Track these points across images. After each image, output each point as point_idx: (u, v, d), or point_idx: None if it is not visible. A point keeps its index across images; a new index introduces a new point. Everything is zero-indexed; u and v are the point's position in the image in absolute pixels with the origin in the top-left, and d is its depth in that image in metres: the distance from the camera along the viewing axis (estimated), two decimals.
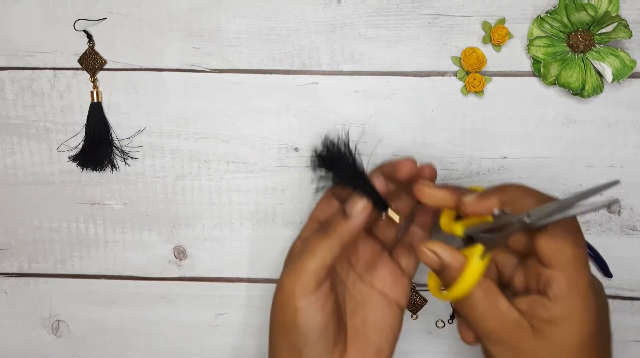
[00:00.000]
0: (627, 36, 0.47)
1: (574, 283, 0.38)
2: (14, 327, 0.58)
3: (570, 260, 0.39)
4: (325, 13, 0.51)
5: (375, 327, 0.46)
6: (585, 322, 0.39)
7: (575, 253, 0.39)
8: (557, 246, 0.39)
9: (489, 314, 0.40)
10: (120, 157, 0.54)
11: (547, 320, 0.39)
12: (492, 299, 0.40)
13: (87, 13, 0.52)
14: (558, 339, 0.39)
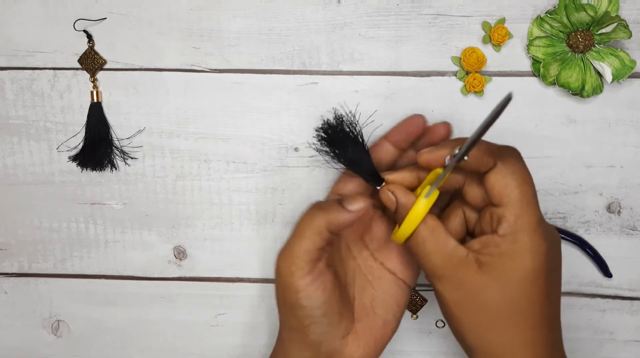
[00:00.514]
0: (626, 36, 0.47)
1: (521, 218, 0.40)
2: (14, 327, 0.58)
3: (517, 197, 0.40)
4: (325, 13, 0.51)
5: (383, 303, 0.46)
6: (532, 257, 0.40)
7: (522, 190, 0.40)
8: (505, 183, 0.40)
9: (435, 251, 0.41)
10: (120, 157, 0.54)
11: (495, 255, 0.40)
12: (440, 238, 0.42)
13: (87, 13, 0.52)
14: (503, 273, 0.40)
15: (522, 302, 0.40)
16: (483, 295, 0.40)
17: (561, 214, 0.53)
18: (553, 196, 0.52)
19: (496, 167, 0.41)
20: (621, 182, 0.52)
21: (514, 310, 0.40)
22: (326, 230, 0.43)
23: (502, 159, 0.41)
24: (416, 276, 0.48)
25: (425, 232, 0.42)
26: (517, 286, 0.40)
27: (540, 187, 0.52)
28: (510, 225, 0.40)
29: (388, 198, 0.43)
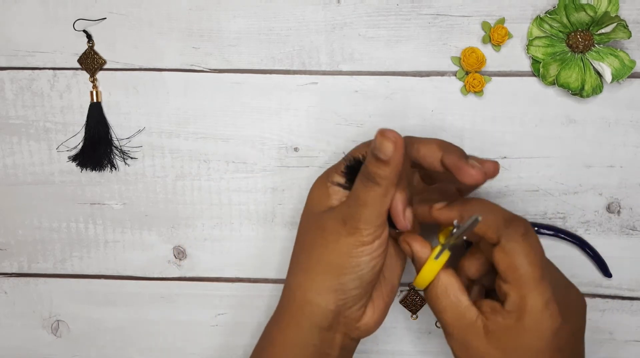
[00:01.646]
0: (626, 36, 0.47)
1: (525, 299, 0.40)
2: (14, 327, 0.58)
3: (522, 278, 0.40)
4: (325, 13, 0.51)
5: (390, 267, 0.47)
6: (537, 338, 0.40)
7: (527, 271, 0.40)
8: (510, 263, 0.40)
9: (448, 309, 0.42)
10: (119, 157, 0.54)
11: (502, 328, 0.40)
12: (453, 297, 0.42)
13: (87, 13, 0.52)
14: (508, 346, 0.41)
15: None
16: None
17: (561, 214, 0.53)
18: (553, 196, 0.53)
19: (500, 244, 0.40)
20: (621, 182, 0.52)
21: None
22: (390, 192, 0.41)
23: (507, 236, 0.40)
24: None
25: (439, 289, 0.43)
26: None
27: (540, 187, 0.52)
28: (515, 303, 0.40)
29: (404, 248, 0.44)
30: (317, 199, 0.45)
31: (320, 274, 0.43)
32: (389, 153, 0.39)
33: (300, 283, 0.45)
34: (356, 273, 0.43)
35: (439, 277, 0.43)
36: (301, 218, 0.47)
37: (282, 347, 0.45)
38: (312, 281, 0.44)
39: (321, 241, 0.43)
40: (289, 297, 0.46)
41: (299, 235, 0.47)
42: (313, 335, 0.44)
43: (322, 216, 0.44)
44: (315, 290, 0.43)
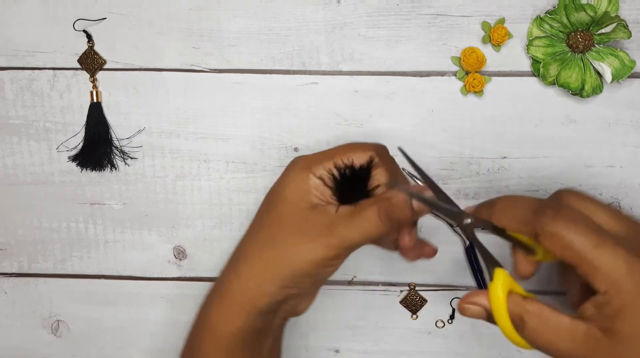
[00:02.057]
0: (626, 36, 0.47)
1: (606, 272, 0.37)
2: (14, 327, 0.58)
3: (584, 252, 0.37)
4: (325, 13, 0.51)
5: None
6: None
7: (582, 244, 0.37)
8: (562, 246, 0.38)
9: (554, 336, 0.38)
10: (119, 157, 0.54)
11: (612, 316, 0.37)
12: (551, 321, 0.38)
13: (87, 13, 0.52)
14: (630, 330, 0.36)
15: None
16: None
17: None
18: None
19: (541, 236, 0.38)
20: (621, 182, 0.52)
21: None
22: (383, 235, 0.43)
23: (540, 224, 0.38)
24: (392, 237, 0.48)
25: (535, 322, 0.38)
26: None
27: (540, 187, 0.52)
28: (601, 280, 0.37)
29: (473, 312, 0.41)
30: (296, 190, 0.45)
31: (279, 269, 0.43)
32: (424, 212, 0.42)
33: (256, 273, 0.44)
34: (315, 278, 0.44)
35: (525, 308, 0.39)
36: (270, 198, 0.46)
37: (223, 331, 0.45)
38: (269, 274, 0.44)
39: (293, 239, 0.43)
40: (236, 284, 0.45)
41: (263, 216, 0.46)
42: (257, 319, 0.44)
43: (306, 215, 0.44)
44: (270, 282, 0.43)
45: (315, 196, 0.44)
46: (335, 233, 0.42)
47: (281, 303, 0.44)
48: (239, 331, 0.44)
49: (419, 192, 0.43)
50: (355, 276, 0.55)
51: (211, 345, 0.45)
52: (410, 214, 0.42)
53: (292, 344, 0.57)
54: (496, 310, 0.39)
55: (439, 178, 0.53)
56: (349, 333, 0.56)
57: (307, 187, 0.44)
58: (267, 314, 0.44)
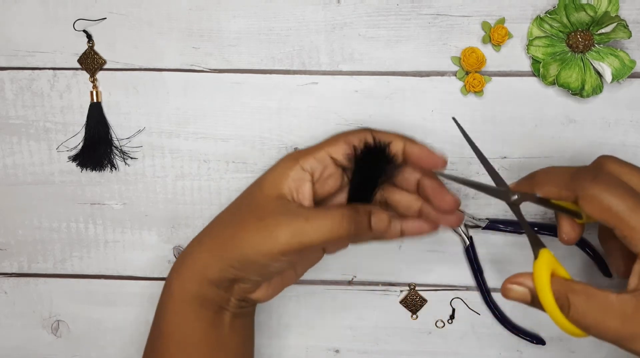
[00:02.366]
0: (626, 36, 0.47)
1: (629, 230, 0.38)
2: (14, 327, 0.58)
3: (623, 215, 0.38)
4: (325, 13, 0.51)
5: (303, 265, 0.49)
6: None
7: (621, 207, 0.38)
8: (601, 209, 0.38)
9: (603, 314, 0.38)
10: (119, 157, 0.54)
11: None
12: (598, 298, 0.38)
13: (87, 13, 0.52)
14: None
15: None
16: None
17: None
18: None
19: (580, 199, 0.39)
20: None
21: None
22: (339, 241, 0.44)
23: (579, 187, 0.39)
24: (339, 250, 0.49)
25: (579, 300, 0.38)
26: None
27: None
28: (637, 240, 0.38)
29: (517, 293, 0.40)
30: (274, 178, 0.45)
31: (230, 249, 0.44)
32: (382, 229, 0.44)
33: (212, 247, 0.46)
34: (261, 269, 0.44)
35: (572, 289, 0.38)
36: (253, 183, 0.47)
37: (182, 298, 0.46)
38: (221, 251, 0.45)
39: (250, 224, 0.44)
40: (196, 254, 0.46)
41: (239, 197, 0.48)
42: (210, 290, 0.45)
43: (271, 203, 0.44)
44: (220, 258, 0.45)
45: (288, 187, 0.44)
46: (292, 227, 0.42)
47: (232, 282, 0.45)
48: (193, 298, 0.45)
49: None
50: (355, 276, 0.55)
51: (172, 310, 0.46)
52: (367, 228, 0.43)
53: (292, 344, 0.57)
54: (540, 289, 0.38)
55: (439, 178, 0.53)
56: (349, 333, 0.56)
57: (285, 177, 0.45)
58: (218, 288, 0.45)
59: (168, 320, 0.47)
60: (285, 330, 0.57)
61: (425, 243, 0.54)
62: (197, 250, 0.47)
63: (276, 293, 0.48)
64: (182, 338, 0.46)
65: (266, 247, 0.43)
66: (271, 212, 0.44)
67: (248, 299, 0.47)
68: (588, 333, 0.38)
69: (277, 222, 0.43)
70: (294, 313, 0.56)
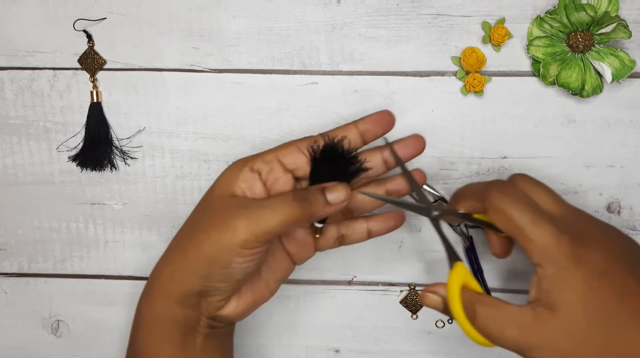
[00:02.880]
0: (626, 36, 0.47)
1: (535, 240, 0.39)
2: (14, 327, 0.58)
3: (518, 227, 0.40)
4: (325, 13, 0.51)
5: (274, 276, 0.48)
6: (575, 265, 0.38)
7: (521, 220, 0.40)
8: (504, 220, 0.41)
9: (504, 324, 0.40)
10: (119, 157, 0.54)
11: (549, 289, 0.39)
12: (501, 309, 0.40)
13: (87, 13, 0.52)
14: (566, 299, 0.38)
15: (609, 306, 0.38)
16: (575, 333, 0.38)
17: None
18: None
19: (487, 208, 0.41)
20: (621, 182, 0.52)
21: (608, 319, 0.38)
22: (305, 221, 0.43)
23: (487, 198, 0.42)
24: (307, 260, 0.48)
25: (484, 310, 0.40)
26: (593, 300, 0.38)
27: None
28: (533, 251, 0.39)
29: (431, 300, 0.43)
30: (223, 181, 0.45)
31: (193, 257, 0.43)
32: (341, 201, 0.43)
33: (173, 259, 0.45)
34: (225, 269, 0.43)
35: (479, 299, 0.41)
36: (203, 195, 0.47)
37: (150, 320, 0.45)
38: (184, 260, 0.44)
39: (207, 225, 0.43)
40: (160, 270, 0.46)
41: (194, 208, 0.47)
42: (177, 310, 0.44)
43: (224, 203, 0.44)
44: (185, 270, 0.43)
45: (239, 188, 0.44)
46: (248, 215, 0.42)
47: (198, 297, 0.44)
48: (161, 318, 0.44)
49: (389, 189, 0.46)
50: (355, 276, 0.55)
51: (142, 331, 0.46)
52: (324, 202, 0.43)
53: (292, 344, 0.57)
54: (451, 298, 0.42)
55: (439, 178, 0.53)
56: (349, 333, 0.56)
57: (234, 179, 0.45)
58: (184, 307, 0.44)
59: (138, 345, 0.46)
60: (285, 330, 0.57)
61: (425, 243, 0.54)
62: (161, 268, 0.45)
63: (249, 310, 0.46)
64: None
65: (226, 240, 0.42)
66: (226, 208, 0.43)
67: (219, 317, 0.45)
68: (492, 342, 0.40)
69: (233, 214, 0.42)
70: (294, 313, 0.56)
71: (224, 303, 0.45)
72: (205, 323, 0.45)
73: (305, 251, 0.48)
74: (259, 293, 0.47)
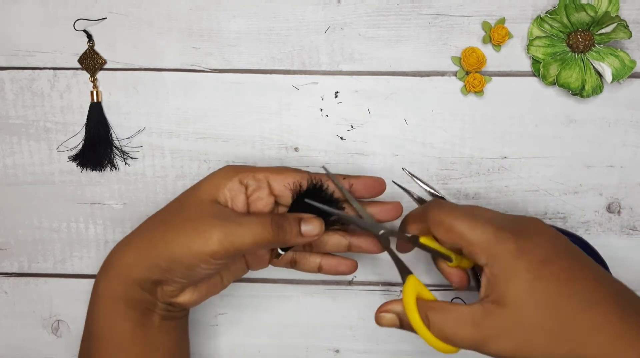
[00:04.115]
0: (626, 36, 0.47)
1: (476, 242, 0.41)
2: (14, 327, 0.58)
3: (458, 232, 0.42)
4: (325, 13, 0.51)
5: (228, 272, 0.50)
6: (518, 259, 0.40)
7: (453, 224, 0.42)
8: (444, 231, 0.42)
9: (456, 325, 0.41)
10: (120, 157, 0.54)
11: (497, 285, 0.40)
12: (452, 312, 0.41)
13: (87, 13, 0.52)
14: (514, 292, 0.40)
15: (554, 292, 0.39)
16: (525, 322, 0.39)
17: (561, 214, 0.53)
18: (553, 196, 0.53)
19: (430, 225, 0.43)
20: (621, 182, 0.52)
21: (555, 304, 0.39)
22: (268, 246, 0.45)
23: (427, 217, 0.43)
24: (262, 268, 0.51)
25: (436, 316, 0.42)
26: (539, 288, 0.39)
27: (541, 187, 0.52)
28: (479, 254, 0.41)
29: (387, 320, 0.44)
30: (210, 185, 0.46)
31: (160, 251, 0.44)
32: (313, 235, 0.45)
33: (139, 247, 0.46)
34: (188, 270, 0.44)
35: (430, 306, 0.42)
36: (189, 189, 0.48)
37: (108, 298, 0.46)
38: (149, 250, 0.45)
39: (181, 225, 0.44)
40: (123, 253, 0.47)
41: (173, 200, 0.48)
42: (135, 291, 0.45)
43: (205, 207, 0.45)
44: (148, 260, 0.45)
45: (223, 195, 0.46)
46: (224, 229, 0.43)
47: (155, 284, 0.45)
48: (119, 297, 0.46)
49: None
50: (355, 276, 0.55)
51: (100, 310, 0.47)
52: (297, 232, 0.45)
53: (292, 344, 0.57)
54: (408, 310, 0.42)
55: (439, 178, 0.53)
56: (349, 333, 0.56)
57: (221, 186, 0.46)
58: (142, 290, 0.45)
59: (96, 320, 0.47)
60: (285, 330, 0.57)
61: None
62: (124, 250, 0.47)
63: (201, 300, 0.48)
64: (111, 338, 0.46)
65: (196, 247, 0.43)
66: (204, 214, 0.44)
67: (173, 303, 0.47)
68: (450, 344, 0.41)
69: (209, 223, 0.44)
70: (294, 313, 0.56)
71: (179, 293, 0.46)
72: (161, 307, 0.47)
73: (260, 265, 0.50)
74: (213, 286, 0.49)
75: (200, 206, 0.45)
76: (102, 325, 0.46)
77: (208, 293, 0.48)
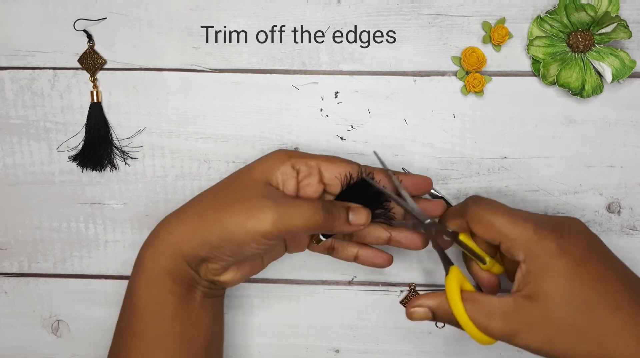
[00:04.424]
0: (626, 36, 0.47)
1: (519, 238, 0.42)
2: (14, 327, 0.58)
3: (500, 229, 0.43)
4: (325, 13, 0.51)
5: (270, 254, 0.50)
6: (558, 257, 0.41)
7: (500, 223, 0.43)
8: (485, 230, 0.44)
9: (488, 315, 0.42)
10: (120, 157, 0.54)
11: (532, 280, 0.42)
12: (483, 303, 0.43)
13: (87, 13, 0.52)
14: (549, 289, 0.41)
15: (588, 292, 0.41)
16: (556, 318, 0.41)
17: (561, 214, 0.53)
18: (553, 196, 0.53)
19: (469, 221, 0.45)
20: (621, 182, 0.52)
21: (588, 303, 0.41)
22: (316, 231, 0.45)
23: (466, 212, 0.45)
24: (298, 252, 0.51)
25: (468, 307, 0.43)
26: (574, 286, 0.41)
27: (541, 187, 0.52)
28: (517, 250, 0.42)
29: (419, 314, 0.45)
30: (264, 168, 0.47)
31: (210, 226, 0.45)
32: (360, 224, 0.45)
33: (191, 221, 0.46)
34: (238, 248, 0.44)
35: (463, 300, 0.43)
36: (241, 169, 0.48)
37: (155, 271, 0.46)
38: (200, 226, 0.45)
39: (235, 204, 0.45)
40: (174, 227, 0.47)
41: (225, 180, 0.48)
42: (183, 267, 0.46)
43: (258, 188, 0.45)
44: (198, 233, 0.45)
45: (275, 178, 0.46)
46: (278, 210, 0.43)
47: (202, 261, 0.46)
48: (166, 272, 0.46)
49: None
50: (355, 276, 0.55)
51: (144, 283, 0.47)
52: (345, 220, 0.45)
53: (292, 344, 0.57)
54: (452, 301, 0.43)
55: (439, 178, 0.53)
56: (349, 333, 0.56)
57: (274, 169, 0.47)
58: (190, 264, 0.46)
59: (141, 293, 0.47)
60: (284, 330, 0.57)
61: None
62: (175, 224, 0.47)
63: (242, 279, 0.49)
64: (155, 310, 0.46)
65: (250, 226, 0.43)
66: (258, 194, 0.45)
67: (215, 281, 0.47)
68: (486, 334, 0.43)
69: (264, 204, 0.44)
70: (294, 313, 0.56)
71: (223, 271, 0.47)
72: (204, 284, 0.47)
73: (299, 248, 0.51)
74: (255, 267, 0.49)
75: (254, 186, 0.46)
76: (147, 297, 0.46)
77: (249, 273, 0.49)
